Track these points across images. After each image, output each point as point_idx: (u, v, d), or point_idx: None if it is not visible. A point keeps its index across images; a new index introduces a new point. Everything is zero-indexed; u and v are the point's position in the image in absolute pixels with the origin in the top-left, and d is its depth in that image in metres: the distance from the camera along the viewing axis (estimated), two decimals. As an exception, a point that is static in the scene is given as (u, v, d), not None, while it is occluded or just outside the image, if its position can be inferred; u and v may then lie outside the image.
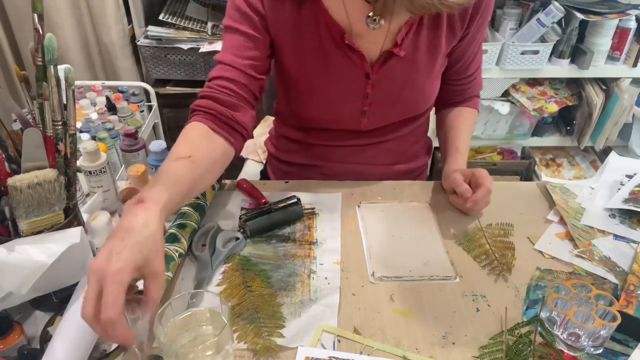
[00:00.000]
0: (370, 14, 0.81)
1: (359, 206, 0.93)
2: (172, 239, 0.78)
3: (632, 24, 1.81)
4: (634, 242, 0.85)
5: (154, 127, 1.82)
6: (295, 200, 0.88)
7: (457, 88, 1.03)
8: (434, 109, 1.09)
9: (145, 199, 0.60)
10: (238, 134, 0.83)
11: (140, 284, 0.60)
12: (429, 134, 1.14)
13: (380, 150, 1.02)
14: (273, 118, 1.15)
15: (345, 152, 1.01)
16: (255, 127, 1.50)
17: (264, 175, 1.21)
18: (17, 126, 0.64)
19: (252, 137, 0.88)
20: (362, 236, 0.86)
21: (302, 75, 0.89)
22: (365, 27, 0.83)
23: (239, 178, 0.98)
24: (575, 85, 2.07)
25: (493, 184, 0.87)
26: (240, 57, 0.83)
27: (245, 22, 0.83)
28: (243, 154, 1.41)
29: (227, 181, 0.98)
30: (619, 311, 0.65)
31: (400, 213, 0.92)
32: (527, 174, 2.15)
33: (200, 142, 0.77)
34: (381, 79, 0.89)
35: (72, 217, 0.67)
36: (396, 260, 0.81)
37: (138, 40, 1.86)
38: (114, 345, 0.66)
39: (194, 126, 0.79)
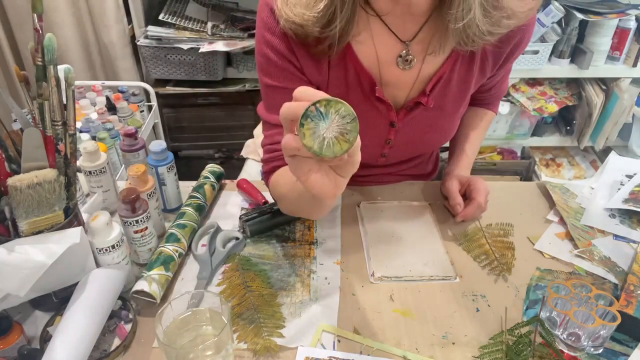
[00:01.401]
0: (403, 52, 0.77)
1: (358, 206, 0.93)
2: (172, 239, 0.78)
3: (632, 24, 1.81)
4: (634, 242, 0.85)
5: (154, 127, 1.82)
6: (295, 200, 0.88)
7: (478, 97, 1.01)
8: None
9: None
10: None
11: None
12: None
13: (391, 175, 1.01)
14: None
15: (357, 179, 1.00)
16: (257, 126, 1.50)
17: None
18: (17, 126, 0.64)
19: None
20: (362, 236, 0.86)
21: None
22: (396, 69, 0.78)
23: (239, 178, 0.98)
24: (575, 85, 2.07)
25: (489, 193, 0.87)
26: None
27: (282, 77, 0.78)
28: (243, 153, 1.41)
29: (227, 181, 0.98)
30: (619, 311, 0.65)
31: (400, 213, 0.92)
32: (527, 174, 2.15)
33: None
34: (405, 126, 0.85)
35: (72, 217, 0.67)
36: (396, 260, 0.81)
37: (138, 40, 1.86)
38: (114, 346, 0.66)
39: (276, 176, 0.80)
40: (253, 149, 1.41)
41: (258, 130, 1.44)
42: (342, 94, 0.80)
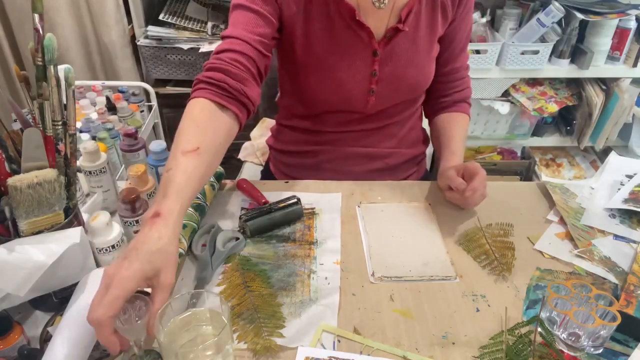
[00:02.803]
0: None
1: (359, 206, 0.93)
2: (172, 239, 0.78)
3: (632, 24, 1.81)
4: (634, 242, 0.85)
5: (154, 127, 1.82)
6: (295, 200, 0.88)
7: (445, 84, 1.06)
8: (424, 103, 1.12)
9: (161, 212, 0.61)
10: (246, 108, 0.82)
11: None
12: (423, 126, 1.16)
13: (383, 135, 1.05)
14: (271, 120, 1.15)
15: (351, 137, 1.03)
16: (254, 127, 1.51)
17: (266, 174, 1.21)
18: (17, 126, 0.64)
19: (256, 112, 0.88)
20: (362, 236, 0.86)
21: (311, 57, 0.92)
22: (372, 7, 0.89)
23: (238, 178, 0.98)
24: (575, 85, 2.07)
25: (486, 186, 0.88)
26: (251, 32, 0.83)
27: (258, 1, 0.84)
28: (241, 156, 1.41)
29: (227, 181, 0.98)
30: (619, 311, 0.65)
31: (400, 213, 0.92)
32: (527, 174, 2.15)
33: (206, 125, 0.75)
34: (387, 56, 0.93)
35: (72, 217, 0.67)
36: (396, 260, 0.81)
37: (138, 40, 1.86)
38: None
39: (199, 104, 0.76)
40: (251, 152, 1.41)
41: (255, 133, 1.44)
42: (326, 25, 0.89)
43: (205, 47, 1.81)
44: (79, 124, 1.45)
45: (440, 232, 0.87)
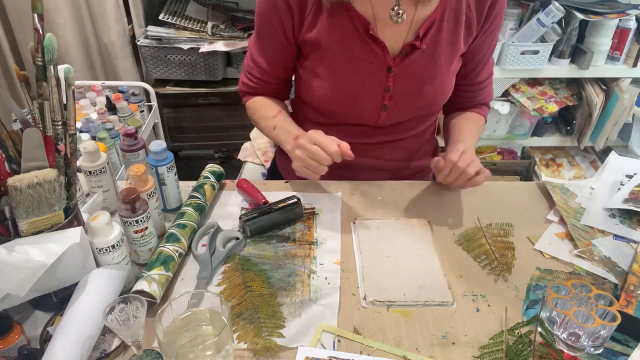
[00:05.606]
0: (395, 7, 0.85)
1: (354, 222, 0.89)
2: (172, 239, 0.78)
3: (632, 24, 1.81)
4: (634, 242, 0.85)
5: (154, 127, 1.82)
6: (295, 200, 0.88)
7: (467, 94, 1.04)
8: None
9: (298, 134, 0.88)
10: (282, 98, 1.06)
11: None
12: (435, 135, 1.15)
13: (395, 147, 1.03)
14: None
15: (362, 148, 1.01)
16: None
17: (272, 173, 1.21)
18: (17, 126, 0.64)
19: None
20: (355, 255, 0.82)
21: (324, 70, 0.91)
22: (389, 21, 0.87)
23: (238, 178, 0.98)
24: (575, 85, 2.07)
25: (465, 153, 0.88)
26: (275, 64, 0.96)
27: (274, 33, 0.90)
28: (241, 157, 1.41)
29: (227, 181, 0.98)
30: (619, 311, 0.65)
31: (397, 231, 0.87)
32: (527, 174, 2.14)
33: (269, 102, 1.02)
34: (402, 72, 0.90)
35: (72, 217, 0.67)
36: (390, 282, 0.77)
37: (138, 40, 1.86)
38: (114, 345, 0.66)
39: (260, 98, 1.02)
40: (251, 152, 1.40)
41: (255, 133, 1.44)
42: (339, 39, 0.88)
43: (205, 47, 1.80)
44: (79, 124, 1.45)
45: (438, 252, 0.83)
